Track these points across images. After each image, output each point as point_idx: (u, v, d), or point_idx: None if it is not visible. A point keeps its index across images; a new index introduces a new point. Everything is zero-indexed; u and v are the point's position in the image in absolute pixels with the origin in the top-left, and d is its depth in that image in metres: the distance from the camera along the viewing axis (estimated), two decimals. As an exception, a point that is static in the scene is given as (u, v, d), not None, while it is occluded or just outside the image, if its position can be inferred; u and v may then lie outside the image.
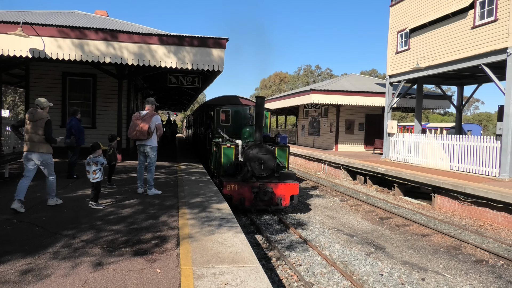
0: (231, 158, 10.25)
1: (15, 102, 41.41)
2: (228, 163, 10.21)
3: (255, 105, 10.03)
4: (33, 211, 6.34)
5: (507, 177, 12.37)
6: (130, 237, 5.19)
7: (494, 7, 13.03)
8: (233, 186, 9.57)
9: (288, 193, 9.99)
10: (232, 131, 12.48)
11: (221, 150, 10.25)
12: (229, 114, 12.81)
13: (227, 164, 10.21)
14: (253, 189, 9.66)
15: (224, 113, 12.80)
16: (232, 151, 10.27)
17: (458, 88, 20.60)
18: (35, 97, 14.35)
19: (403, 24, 18.09)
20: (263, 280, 3.96)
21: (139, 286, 3.71)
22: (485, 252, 8.01)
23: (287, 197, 9.99)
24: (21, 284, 3.65)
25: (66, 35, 10.45)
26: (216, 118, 12.71)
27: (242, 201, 9.64)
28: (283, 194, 9.92)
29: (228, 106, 13.03)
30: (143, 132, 7.69)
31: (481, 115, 71.78)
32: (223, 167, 10.22)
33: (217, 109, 12.78)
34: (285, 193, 9.94)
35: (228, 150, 10.27)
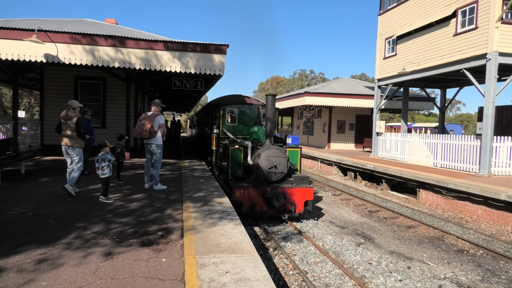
0: (239, 160, 9.07)
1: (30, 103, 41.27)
2: (236, 165, 9.04)
3: (266, 104, 8.87)
4: (47, 204, 6.33)
5: (486, 173, 12.40)
6: (138, 229, 5.19)
7: (474, 16, 13.03)
8: (243, 191, 8.30)
9: (302, 199, 8.72)
10: (239, 131, 11.21)
11: (229, 152, 9.06)
12: (235, 113, 11.26)
13: (235, 166, 9.03)
14: (265, 195, 8.40)
15: (231, 112, 11.25)
16: (240, 153, 9.08)
17: (441, 91, 20.62)
18: (49, 99, 14.46)
19: (391, 31, 18.09)
20: (261, 268, 3.96)
21: (146, 274, 3.71)
22: (466, 243, 8.03)
23: (300, 203, 8.73)
24: (37, 273, 3.65)
25: (78, 41, 10.41)
26: (222, 118, 11.08)
27: (252, 208, 8.41)
28: (296, 200, 8.68)
29: (234, 106, 11.46)
30: (146, 130, 7.72)
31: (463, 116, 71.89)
32: (231, 170, 9.03)
33: (223, 108, 11.11)
34: (299, 199, 8.69)
35: (237, 152, 9.08)
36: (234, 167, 9.04)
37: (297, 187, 8.65)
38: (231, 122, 11.25)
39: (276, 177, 8.55)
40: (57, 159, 12.58)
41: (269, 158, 8.44)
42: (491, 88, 12.35)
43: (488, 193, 9.70)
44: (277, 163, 8.47)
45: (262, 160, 8.43)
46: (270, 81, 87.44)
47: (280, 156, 8.53)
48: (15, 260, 3.94)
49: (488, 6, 12.44)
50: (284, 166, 8.59)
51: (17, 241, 4.49)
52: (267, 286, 3.54)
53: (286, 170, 8.62)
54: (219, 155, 10.79)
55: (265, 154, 8.44)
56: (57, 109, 14.36)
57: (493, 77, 12.28)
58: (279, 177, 8.60)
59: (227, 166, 9.08)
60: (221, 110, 11.08)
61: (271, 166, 8.41)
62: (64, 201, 6.63)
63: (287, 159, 8.69)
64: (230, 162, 9.05)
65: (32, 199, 6.65)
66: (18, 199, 6.66)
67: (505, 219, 9.45)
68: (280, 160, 8.53)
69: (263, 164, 8.42)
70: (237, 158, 9.10)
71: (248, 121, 11.31)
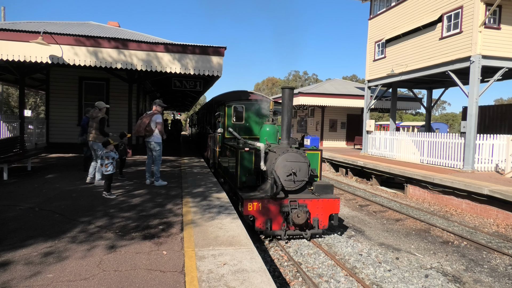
0: (250, 165, 7.39)
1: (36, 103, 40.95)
2: (246, 171, 7.35)
3: (282, 98, 7.15)
4: (53, 200, 6.29)
5: (470, 169, 12.47)
6: (140, 223, 5.17)
7: (459, 21, 13.07)
8: (257, 204, 6.57)
9: (326, 212, 6.95)
10: (247, 131, 9.76)
11: (238, 155, 7.35)
12: (242, 111, 9.74)
13: (245, 172, 7.33)
14: (283, 208, 6.69)
15: (237, 109, 9.75)
16: (251, 157, 7.39)
17: (428, 92, 20.69)
18: (54, 98, 14.35)
19: (380, 35, 18.11)
20: (257, 260, 3.96)
21: (148, 266, 3.70)
22: (451, 235, 8.09)
23: (325, 216, 6.97)
24: (43, 265, 3.63)
25: (82, 43, 10.32)
26: (227, 115, 9.66)
27: (268, 225, 6.68)
28: (320, 213, 6.93)
29: (241, 102, 9.84)
30: (143, 127, 7.77)
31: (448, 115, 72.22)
32: (241, 177, 7.32)
33: (228, 105, 9.65)
34: (323, 212, 6.94)
35: (247, 155, 7.39)
36: (244, 173, 7.32)
37: (321, 198, 6.96)
38: (237, 120, 9.81)
39: (295, 186, 6.83)
40: (63, 156, 12.50)
41: (287, 164, 6.72)
42: (475, 89, 12.41)
43: (472, 187, 9.76)
44: (297, 170, 6.74)
45: (279, 165, 6.70)
46: (266, 82, 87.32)
47: (300, 161, 6.81)
48: (23, 253, 3.91)
49: (472, 12, 12.49)
50: (305, 172, 6.83)
51: (25, 235, 4.46)
52: (263, 277, 3.54)
53: (307, 177, 6.87)
54: (225, 158, 9.27)
55: (283, 158, 6.73)
56: (62, 108, 14.33)
57: (476, 79, 12.34)
58: (299, 186, 6.86)
59: (236, 171, 7.40)
60: (226, 107, 9.64)
61: (289, 173, 6.69)
62: (69, 197, 6.59)
63: (308, 165, 6.93)
64: (239, 167, 7.33)
65: (38, 195, 6.61)
66: (25, 194, 6.61)
67: (488, 212, 9.52)
68: (300, 166, 6.80)
69: (280, 170, 6.68)
70: (248, 163, 7.40)
71: (257, 119, 9.90)
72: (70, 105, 14.39)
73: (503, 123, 17.61)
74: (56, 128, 14.34)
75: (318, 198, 6.92)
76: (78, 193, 6.88)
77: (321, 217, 6.97)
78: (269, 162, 7.06)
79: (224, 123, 9.69)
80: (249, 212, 6.59)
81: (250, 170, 7.37)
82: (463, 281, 5.75)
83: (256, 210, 6.62)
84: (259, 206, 6.64)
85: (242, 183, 7.28)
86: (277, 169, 6.71)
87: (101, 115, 7.89)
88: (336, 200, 7.01)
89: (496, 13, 12.72)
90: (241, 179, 7.32)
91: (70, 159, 12.01)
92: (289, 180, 6.74)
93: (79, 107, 14.39)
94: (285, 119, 7.12)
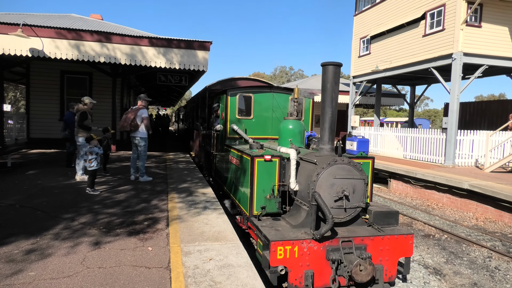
0: (272, 182, 5.03)
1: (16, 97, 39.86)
2: (265, 190, 5.01)
3: (323, 81, 4.56)
4: (35, 196, 6.16)
5: (451, 164, 12.79)
6: (125, 219, 5.12)
7: (442, 18, 13.31)
8: (291, 248, 4.08)
9: (395, 255, 4.50)
10: (257, 129, 7.13)
11: (254, 166, 4.96)
12: (251, 101, 7.08)
13: (266, 193, 5.00)
14: (331, 254, 4.16)
15: (244, 100, 7.14)
16: (274, 169, 5.03)
17: (411, 88, 21.06)
18: (35, 93, 14.01)
19: (365, 31, 18.29)
20: (243, 255, 3.99)
21: (133, 262, 3.67)
22: (432, 228, 8.29)
23: (392, 263, 4.48)
24: (25, 263, 3.56)
25: (64, 36, 10.08)
26: (230, 108, 6.97)
27: (310, 280, 4.09)
28: (386, 258, 4.45)
29: (249, 89, 7.22)
30: (128, 122, 7.69)
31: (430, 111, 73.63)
32: (257, 200, 5.00)
33: (232, 93, 7.00)
34: (390, 256, 4.47)
35: (268, 167, 5.02)
36: (263, 194, 5.00)
37: (386, 235, 4.43)
38: (244, 114, 7.14)
39: (345, 216, 4.44)
40: (44, 152, 12.24)
41: (335, 182, 4.34)
42: (456, 85, 12.69)
43: (453, 182, 10.02)
44: (350, 191, 4.36)
45: (323, 184, 4.31)
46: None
47: (355, 177, 4.42)
48: (3, 251, 3.83)
49: (454, 9, 12.73)
50: (361, 194, 4.46)
51: (5, 233, 4.36)
52: (249, 271, 3.57)
53: (364, 202, 4.51)
54: (226, 165, 6.84)
55: (328, 173, 4.33)
56: (44, 102, 14.00)
57: (458, 76, 12.62)
58: (351, 215, 4.47)
59: (249, 191, 5.02)
60: (229, 96, 6.97)
61: (339, 197, 4.32)
62: (52, 193, 6.46)
63: (366, 183, 4.51)
64: (256, 185, 4.99)
65: (19, 192, 6.46)
66: (5, 191, 6.46)
67: (467, 206, 9.80)
68: (355, 185, 4.41)
69: (325, 192, 4.30)
70: (269, 178, 5.03)
71: (270, 114, 7.22)
72: (51, 99, 14.07)
73: (483, 119, 18.09)
74: (37, 123, 14.00)
75: (382, 235, 4.41)
76: (61, 190, 6.75)
77: (387, 264, 4.42)
78: (304, 177, 4.66)
79: (226, 118, 6.96)
80: (279, 262, 4.01)
81: (273, 190, 5.00)
82: (444, 273, 5.92)
83: (290, 258, 4.07)
84: (295, 252, 4.10)
85: (261, 208, 4.92)
86: (319, 189, 4.27)
87: (82, 109, 7.69)
88: (408, 238, 4.51)
89: (477, 11, 13.01)
90: (257, 203, 4.99)
91: (52, 154, 11.76)
92: (338, 207, 4.35)
93: (61, 101, 14.10)
94: (328, 112, 4.55)
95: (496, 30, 13.13)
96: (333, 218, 4.01)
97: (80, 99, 7.96)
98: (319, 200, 4.13)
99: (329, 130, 4.61)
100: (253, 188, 5.00)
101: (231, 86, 8.88)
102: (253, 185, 5.00)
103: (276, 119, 7.18)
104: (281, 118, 7.04)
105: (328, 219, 3.98)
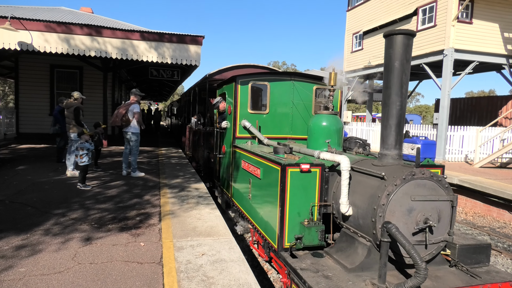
0: (311, 201, 3.72)
1: (5, 91, 39.22)
2: (303, 215, 3.69)
3: (387, 58, 3.31)
4: (24, 192, 6.09)
5: (442, 159, 12.95)
6: (116, 214, 5.09)
7: (434, 14, 13.41)
8: None
9: None
10: (272, 127, 5.73)
11: (286, 179, 3.58)
12: (266, 92, 5.71)
13: (302, 217, 3.68)
14: None
15: (258, 90, 6.00)
16: (314, 183, 3.72)
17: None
18: (24, 87, 13.79)
19: (358, 27, 18.33)
20: (236, 250, 4.00)
21: (125, 258, 3.66)
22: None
23: None
24: (16, 259, 3.53)
25: (53, 29, 9.92)
26: (241, 101, 5.56)
27: None
28: None
29: (263, 76, 5.72)
30: (119, 117, 7.64)
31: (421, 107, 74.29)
32: (290, 226, 3.66)
33: (243, 81, 5.54)
34: None
35: (305, 180, 3.69)
36: (297, 218, 3.68)
37: (488, 285, 3.11)
38: (257, 108, 5.87)
39: (426, 253, 3.20)
40: (34, 147, 12.09)
41: (414, 205, 3.10)
42: (447, 81, 12.82)
43: (443, 177, 10.13)
44: (434, 218, 3.14)
45: (396, 208, 3.06)
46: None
47: (440, 198, 3.20)
48: (-8, 247, 3.79)
49: (446, 6, 12.83)
50: (447, 222, 3.26)
51: (-6, 229, 4.31)
52: (241, 266, 3.58)
53: (452, 234, 3.25)
54: (238, 175, 5.40)
55: (404, 192, 3.06)
56: (33, 97, 13.80)
57: (449, 72, 12.75)
58: (433, 253, 3.25)
59: (279, 213, 3.66)
60: (239, 85, 5.51)
61: (421, 228, 3.08)
62: (42, 189, 6.40)
63: (454, 205, 3.29)
64: (288, 205, 3.65)
65: (8, 187, 6.38)
66: (-6, 187, 6.37)
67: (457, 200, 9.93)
68: (440, 209, 3.21)
69: (400, 220, 3.05)
70: (305, 195, 3.71)
71: (291, 107, 5.78)
72: (41, 94, 13.87)
73: (473, 115, 18.32)
74: (26, 118, 13.81)
75: (482, 284, 3.09)
76: (51, 185, 6.69)
77: None
78: (361, 197, 3.35)
79: (235, 112, 5.58)
80: None
81: (311, 212, 3.67)
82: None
83: None
84: None
85: (295, 241, 3.56)
86: (391, 217, 3.02)
87: (75, 105, 7.60)
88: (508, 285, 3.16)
89: (469, 8, 13.13)
90: (290, 231, 3.62)
91: (42, 150, 11.63)
92: (418, 243, 3.11)
93: (51, 96, 13.91)
94: (396, 102, 3.29)
95: (486, 26, 13.27)
96: (426, 270, 2.61)
97: (70, 94, 7.85)
98: (399, 237, 2.69)
99: (396, 129, 3.30)
100: (284, 210, 3.59)
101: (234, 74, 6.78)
102: (284, 205, 3.58)
103: (297, 114, 5.79)
104: (303, 113, 5.83)
105: (418, 270, 2.60)
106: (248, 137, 5.62)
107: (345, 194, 3.38)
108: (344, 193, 3.39)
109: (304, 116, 5.70)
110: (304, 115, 5.81)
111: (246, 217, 4.96)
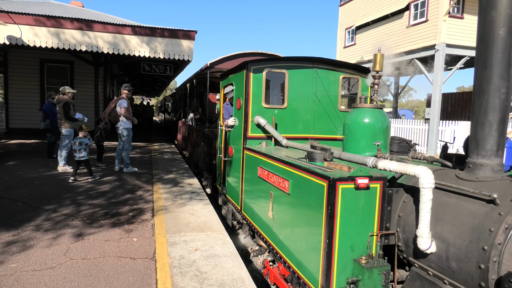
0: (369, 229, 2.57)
1: (-6, 86, 38.57)
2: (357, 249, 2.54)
3: (482, 28, 2.20)
4: (15, 188, 6.02)
5: (433, 154, 13.08)
6: (109, 210, 5.06)
7: (425, 10, 13.45)
8: None
9: None
10: (291, 124, 4.62)
11: (335, 198, 2.44)
12: (285, 82, 4.54)
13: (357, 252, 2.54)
14: None
15: (274, 79, 5.08)
16: (373, 204, 2.58)
17: (395, 78, 21.30)
18: (14, 82, 13.59)
19: (350, 22, 18.34)
20: (229, 245, 4.00)
21: (117, 253, 3.65)
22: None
23: None
24: (6, 255, 3.49)
25: (43, 23, 9.77)
26: (253, 92, 4.42)
27: None
28: None
29: (280, 63, 4.55)
30: (107, 112, 7.66)
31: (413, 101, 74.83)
32: (341, 265, 2.52)
33: (256, 68, 4.41)
34: None
35: (360, 200, 2.53)
36: (350, 254, 2.55)
37: None
38: (273, 102, 5.09)
39: None
40: (24, 143, 11.93)
41: None
42: (439, 76, 12.91)
43: (434, 171, 10.23)
44: None
45: None
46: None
47: None
48: (-18, 243, 3.75)
49: (437, 0, 12.88)
50: None
51: (-16, 225, 4.26)
52: (234, 261, 3.59)
53: None
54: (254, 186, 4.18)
55: None
56: (23, 92, 13.61)
57: (440, 67, 12.83)
58: None
59: (325, 247, 2.52)
60: (252, 72, 4.43)
61: None
62: (33, 184, 6.32)
63: None
64: (338, 235, 2.51)
65: (-2, 183, 6.30)
66: (-17, 183, 6.29)
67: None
68: None
69: None
70: (361, 222, 2.57)
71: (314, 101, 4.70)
72: (31, 89, 13.69)
73: (464, 110, 18.49)
74: (16, 113, 13.62)
75: None
76: (42, 181, 6.61)
77: None
78: (456, 228, 2.21)
79: (247, 107, 4.47)
80: None
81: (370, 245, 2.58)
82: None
83: None
84: None
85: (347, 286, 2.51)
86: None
87: (65, 100, 7.52)
88: None
89: (460, 3, 13.20)
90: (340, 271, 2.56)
91: (33, 145, 11.48)
92: None
93: (41, 91, 13.73)
94: (499, 87, 2.21)
95: (477, 22, 13.36)
96: None
97: (59, 90, 7.80)
98: None
99: (499, 128, 2.25)
100: (332, 242, 2.51)
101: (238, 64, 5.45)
102: (332, 236, 2.51)
103: (321, 108, 4.70)
104: (328, 107, 4.73)
105: None
106: (262, 137, 4.51)
107: (426, 223, 2.28)
108: (425, 221, 2.28)
109: (329, 111, 4.68)
110: (329, 110, 4.73)
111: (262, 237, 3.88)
